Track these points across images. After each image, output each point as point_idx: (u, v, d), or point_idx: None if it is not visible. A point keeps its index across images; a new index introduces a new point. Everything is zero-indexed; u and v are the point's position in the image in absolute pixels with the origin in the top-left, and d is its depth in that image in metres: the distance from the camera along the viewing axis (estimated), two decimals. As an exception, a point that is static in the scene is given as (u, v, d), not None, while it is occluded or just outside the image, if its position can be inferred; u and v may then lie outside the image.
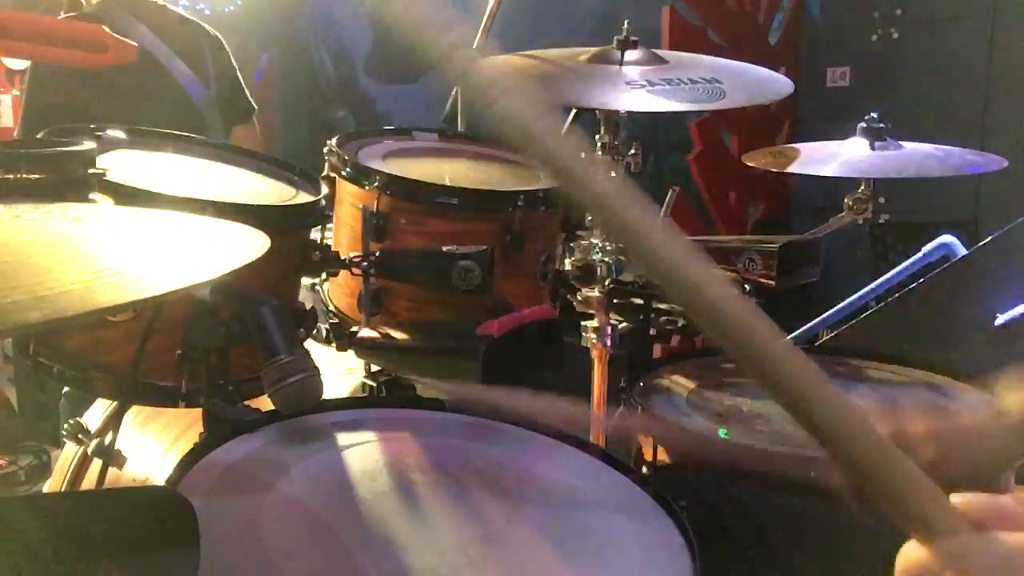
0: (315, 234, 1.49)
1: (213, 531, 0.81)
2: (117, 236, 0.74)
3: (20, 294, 0.51)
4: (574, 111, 1.70)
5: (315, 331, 1.46)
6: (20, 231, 0.67)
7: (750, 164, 1.96)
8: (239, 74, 2.94)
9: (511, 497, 0.98)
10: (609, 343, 1.61)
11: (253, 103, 2.98)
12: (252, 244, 0.69)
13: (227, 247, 0.72)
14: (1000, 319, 2.12)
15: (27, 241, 0.64)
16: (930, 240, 2.50)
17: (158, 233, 0.78)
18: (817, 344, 2.37)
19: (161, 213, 0.85)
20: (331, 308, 1.60)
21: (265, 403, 1.09)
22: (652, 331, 1.55)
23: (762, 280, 1.57)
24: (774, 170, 1.93)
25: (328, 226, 1.58)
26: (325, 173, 1.54)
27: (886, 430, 0.56)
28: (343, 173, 1.53)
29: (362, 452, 1.04)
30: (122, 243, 0.72)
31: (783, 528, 1.20)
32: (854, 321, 2.40)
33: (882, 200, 3.48)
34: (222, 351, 1.16)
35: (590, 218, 1.51)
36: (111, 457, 1.39)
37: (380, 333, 1.42)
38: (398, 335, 1.41)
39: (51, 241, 0.66)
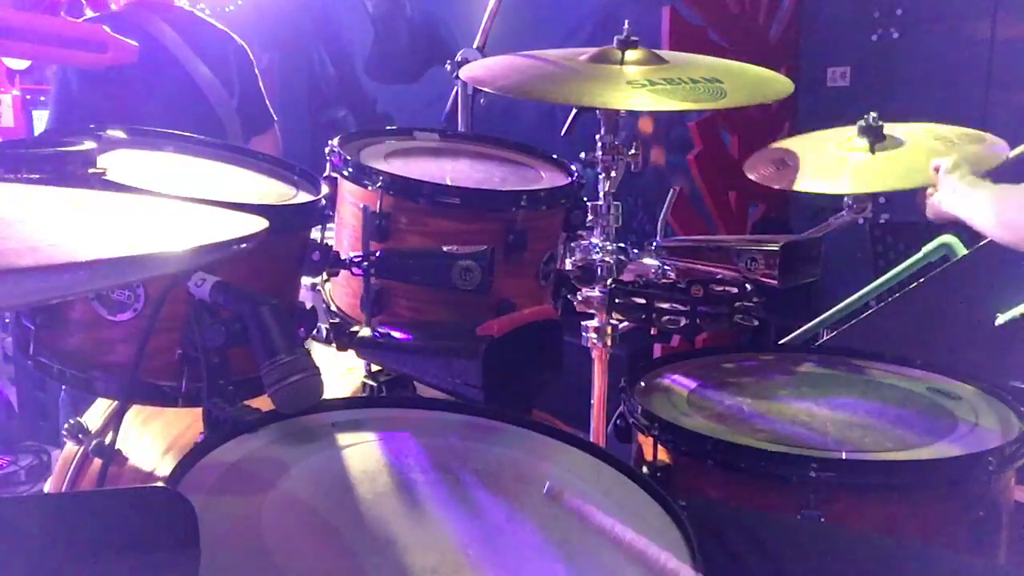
0: (315, 234, 1.48)
1: (213, 531, 0.80)
2: (117, 211, 0.75)
3: (14, 243, 0.53)
4: (574, 111, 1.70)
5: (315, 331, 1.46)
6: (20, 199, 0.68)
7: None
8: (261, 84, 2.94)
9: (511, 497, 0.98)
10: (609, 343, 1.61)
11: (273, 114, 2.99)
12: (247, 223, 0.69)
13: (223, 224, 0.72)
14: (1000, 319, 2.12)
15: (28, 208, 0.65)
16: (930, 240, 2.49)
17: (159, 212, 0.79)
18: (817, 344, 2.37)
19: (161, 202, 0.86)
20: (332, 308, 1.60)
21: (265, 403, 1.09)
22: (652, 331, 1.55)
23: (764, 279, 1.57)
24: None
25: (328, 226, 1.58)
26: (327, 173, 1.54)
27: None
28: (345, 173, 1.52)
29: (362, 452, 1.04)
30: (121, 217, 0.73)
31: (782, 529, 1.20)
32: (854, 321, 2.39)
33: (882, 200, 3.47)
34: (222, 351, 1.16)
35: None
36: (111, 457, 1.39)
37: (380, 333, 1.42)
38: (398, 335, 1.41)
39: (52, 207, 0.67)
